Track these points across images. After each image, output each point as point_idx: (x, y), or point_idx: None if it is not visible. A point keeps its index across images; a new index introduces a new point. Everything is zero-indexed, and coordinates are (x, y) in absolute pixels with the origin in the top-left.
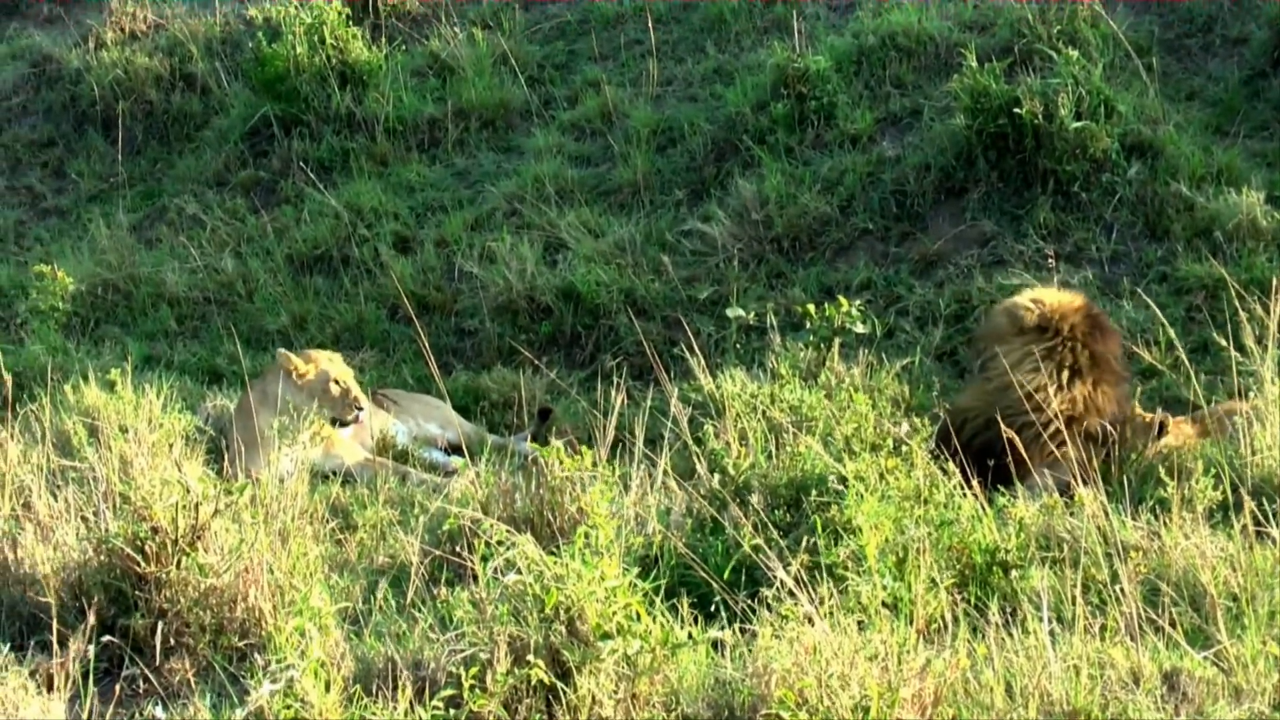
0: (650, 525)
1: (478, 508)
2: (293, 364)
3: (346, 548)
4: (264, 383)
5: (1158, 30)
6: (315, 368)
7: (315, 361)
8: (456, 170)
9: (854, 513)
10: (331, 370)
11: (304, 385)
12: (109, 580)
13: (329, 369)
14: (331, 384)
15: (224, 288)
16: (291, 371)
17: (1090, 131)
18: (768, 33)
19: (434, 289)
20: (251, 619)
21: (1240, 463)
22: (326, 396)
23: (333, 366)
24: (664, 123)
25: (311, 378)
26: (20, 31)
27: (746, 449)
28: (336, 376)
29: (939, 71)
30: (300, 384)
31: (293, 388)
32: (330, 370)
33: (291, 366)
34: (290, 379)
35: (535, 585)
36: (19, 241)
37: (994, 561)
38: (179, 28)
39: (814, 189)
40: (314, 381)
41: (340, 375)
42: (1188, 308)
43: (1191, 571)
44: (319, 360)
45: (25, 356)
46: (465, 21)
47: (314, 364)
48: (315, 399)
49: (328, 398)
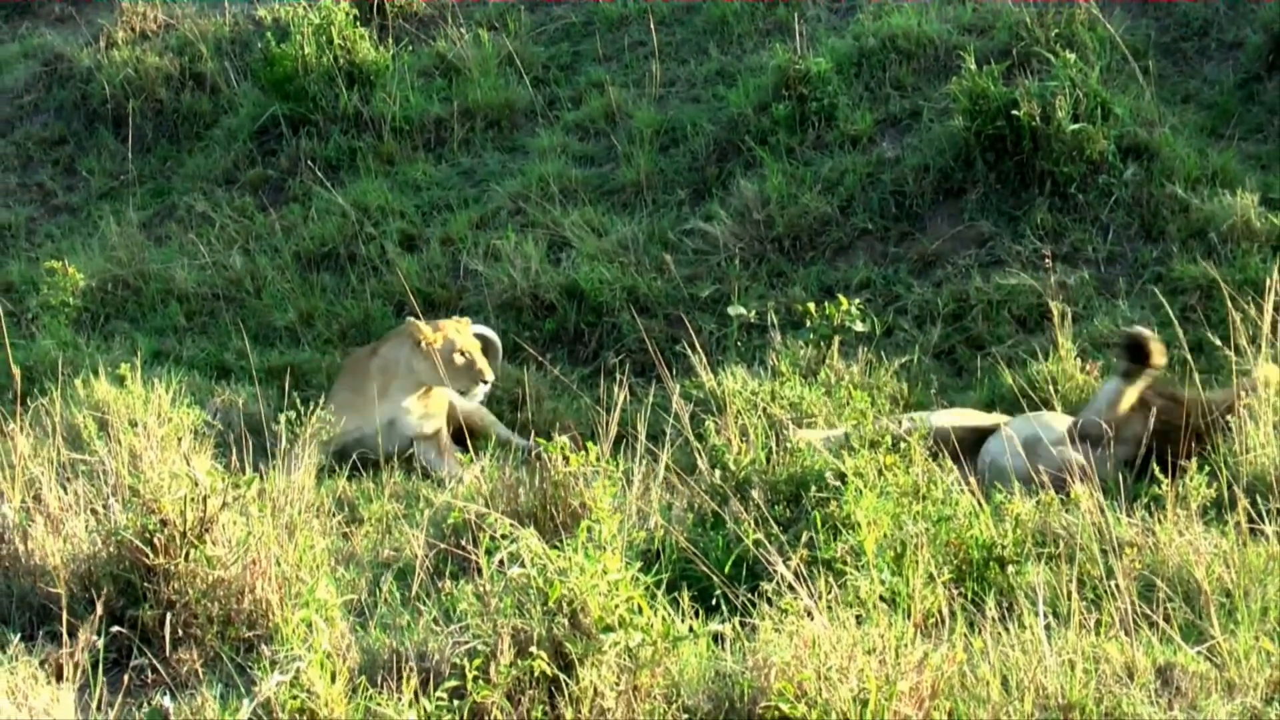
0: (652, 520)
1: (482, 502)
2: (421, 332)
3: (353, 541)
4: (387, 348)
5: (1154, 34)
6: (443, 336)
7: (443, 330)
8: (462, 169)
9: (853, 508)
10: (458, 340)
11: (429, 354)
12: (118, 572)
13: (455, 338)
14: (456, 354)
15: (232, 284)
16: (420, 340)
17: (1087, 133)
18: (769, 35)
19: (439, 286)
20: (259, 610)
21: (1233, 461)
22: (451, 366)
23: (459, 336)
24: (667, 123)
25: (439, 347)
26: (32, 31)
27: (747, 445)
28: (462, 347)
29: (938, 74)
30: (426, 352)
31: (419, 356)
32: (456, 340)
33: (420, 335)
34: (417, 347)
35: (538, 578)
36: (30, 238)
37: (991, 557)
38: (189, 28)
39: (814, 189)
40: (440, 350)
41: (466, 346)
42: (1183, 308)
43: (1185, 568)
44: (446, 329)
45: (36, 351)
46: (471, 22)
47: (441, 333)
48: (440, 369)
49: (452, 367)
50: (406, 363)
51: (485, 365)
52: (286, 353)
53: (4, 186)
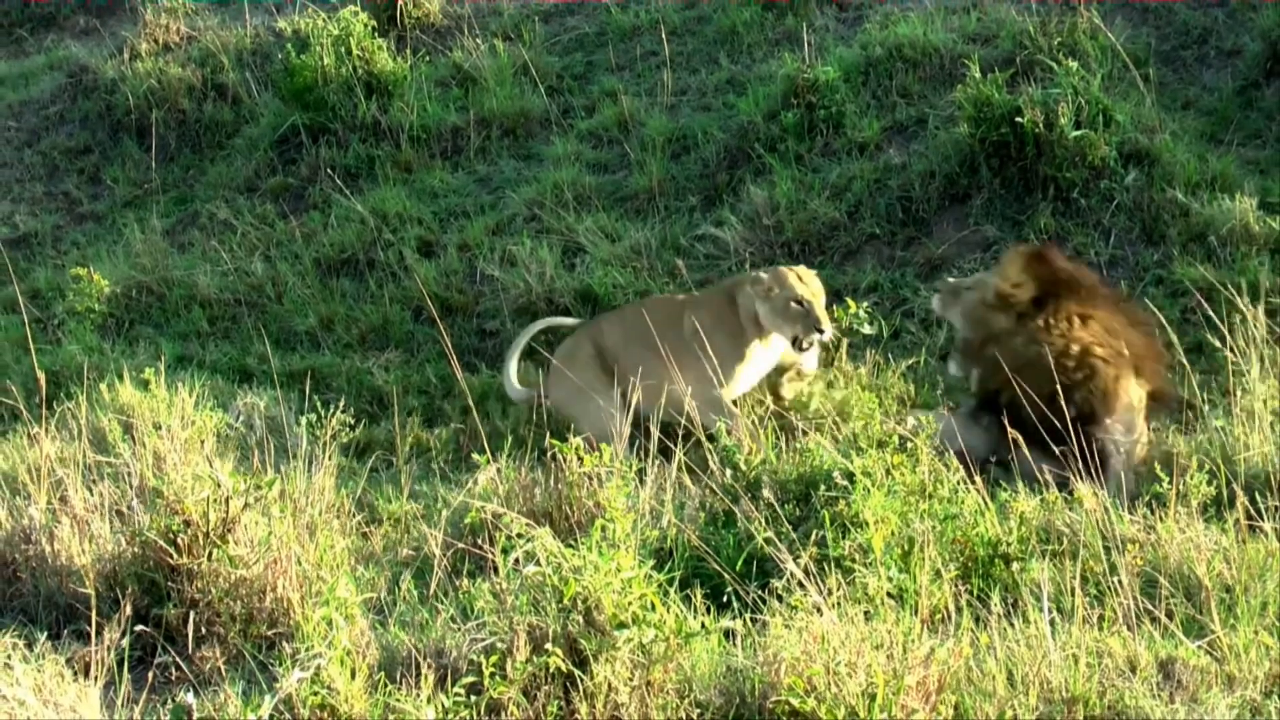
0: (665, 519)
1: (499, 502)
2: (761, 282)
3: (372, 540)
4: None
5: (1155, 42)
6: (779, 285)
7: (781, 279)
8: (478, 177)
9: (861, 507)
10: (798, 289)
11: (768, 301)
12: (142, 571)
13: (796, 288)
14: (793, 303)
15: (254, 290)
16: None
17: (1089, 140)
18: (779, 45)
19: (456, 291)
20: (280, 609)
21: (1233, 459)
22: (787, 314)
23: (800, 285)
24: (678, 131)
25: (776, 293)
26: (58, 43)
27: (758, 445)
28: (801, 295)
29: (943, 82)
30: (764, 300)
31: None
32: (797, 289)
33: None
34: (754, 296)
35: (554, 576)
36: (56, 245)
37: (996, 554)
38: (211, 39)
39: (823, 195)
40: (777, 298)
41: (805, 295)
42: (1183, 310)
43: (1187, 564)
44: (786, 277)
45: (62, 356)
46: (487, 33)
47: (779, 281)
48: (777, 316)
49: (788, 315)
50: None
51: (824, 316)
52: (307, 357)
53: (30, 195)
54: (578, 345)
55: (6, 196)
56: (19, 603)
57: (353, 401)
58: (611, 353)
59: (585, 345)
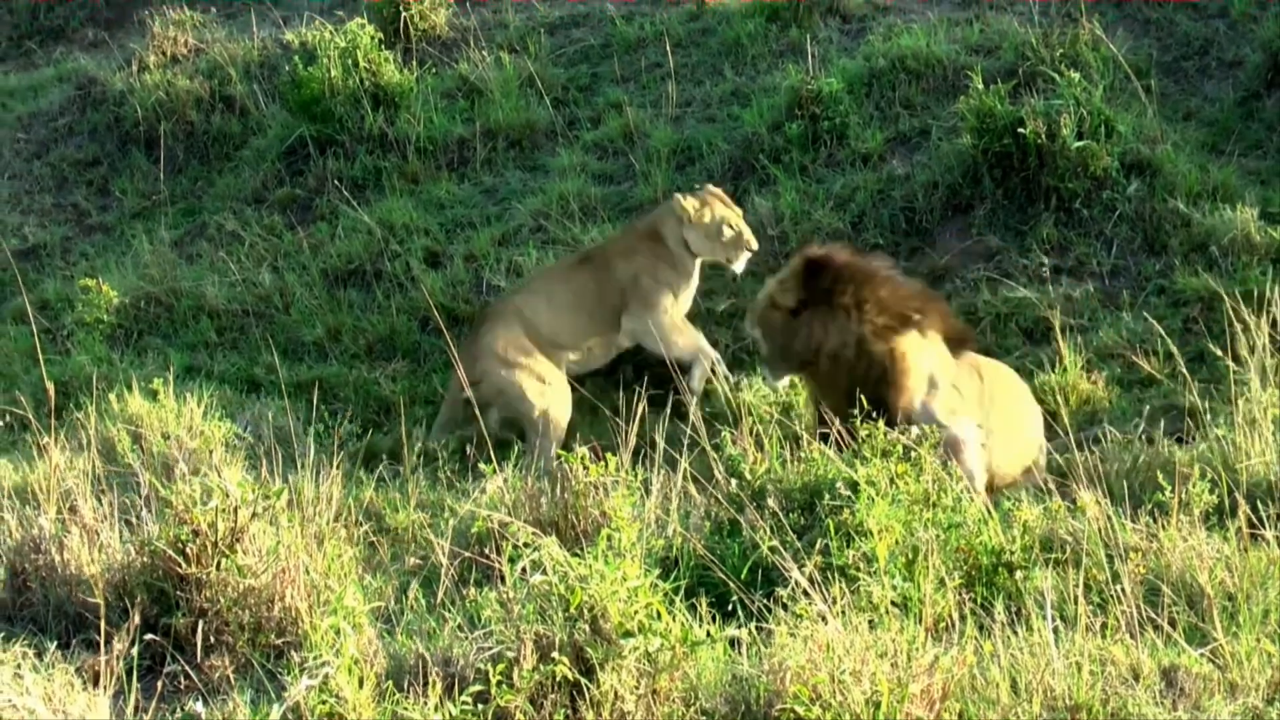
0: (670, 528)
1: (506, 511)
2: (687, 208)
3: (379, 550)
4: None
5: (1156, 53)
6: (710, 211)
7: (710, 204)
8: (485, 188)
9: (865, 516)
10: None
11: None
12: (151, 581)
13: (724, 212)
14: (725, 227)
15: (262, 301)
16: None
17: (1091, 150)
18: (783, 56)
19: (463, 302)
20: (288, 618)
21: (1235, 468)
22: (721, 239)
23: (727, 209)
24: (683, 142)
25: (706, 221)
26: (66, 55)
27: (763, 455)
28: (730, 219)
29: (946, 93)
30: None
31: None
32: (726, 214)
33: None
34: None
35: (560, 585)
36: (65, 256)
37: (999, 562)
38: (219, 51)
39: (827, 206)
40: (710, 224)
41: (732, 218)
42: (1185, 319)
43: (1189, 572)
44: (713, 202)
45: (71, 366)
46: (493, 46)
47: (709, 206)
48: (710, 241)
49: (721, 239)
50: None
51: (750, 234)
52: (315, 367)
53: (40, 207)
54: (506, 326)
55: (16, 208)
56: (29, 612)
57: (360, 411)
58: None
59: (513, 325)
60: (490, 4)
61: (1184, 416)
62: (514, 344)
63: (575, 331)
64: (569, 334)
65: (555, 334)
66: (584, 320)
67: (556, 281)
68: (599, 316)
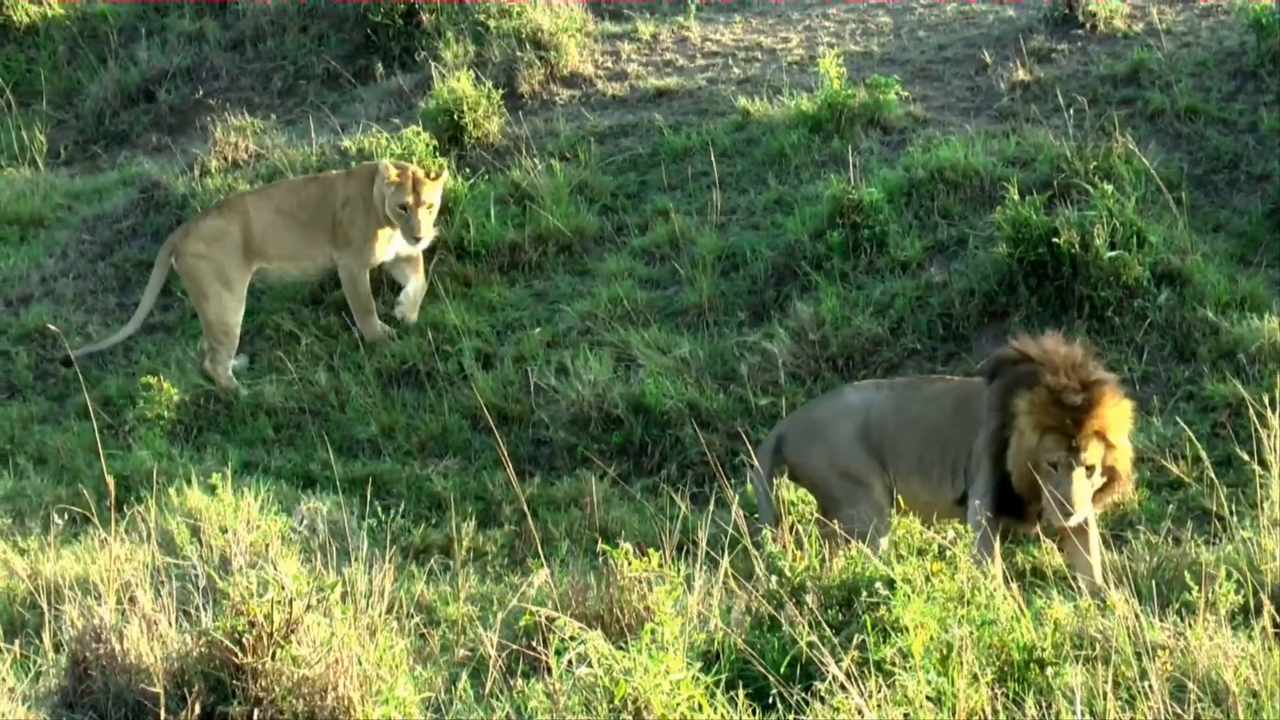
0: (712, 622)
1: (552, 605)
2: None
3: (430, 641)
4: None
5: (1187, 166)
6: (403, 185)
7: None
8: (535, 291)
9: (901, 612)
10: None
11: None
12: (209, 670)
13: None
14: (399, 206)
15: (318, 399)
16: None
17: (1123, 260)
18: (824, 166)
19: (513, 401)
20: (341, 707)
21: (1259, 569)
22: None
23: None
24: (728, 249)
25: (391, 191)
26: (130, 159)
27: (802, 553)
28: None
29: (983, 203)
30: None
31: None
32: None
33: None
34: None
35: (605, 678)
36: (128, 355)
37: (1031, 659)
38: (278, 157)
39: (867, 311)
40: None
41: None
42: (1213, 424)
43: (1215, 670)
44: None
45: (132, 461)
46: (545, 153)
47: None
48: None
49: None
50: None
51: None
52: (369, 464)
53: (103, 306)
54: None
55: (80, 307)
56: (90, 699)
57: (412, 506)
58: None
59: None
60: (542, 113)
61: (1211, 518)
62: (220, 237)
63: (286, 242)
64: (279, 244)
65: (265, 240)
66: (297, 233)
67: (288, 191)
68: (309, 236)
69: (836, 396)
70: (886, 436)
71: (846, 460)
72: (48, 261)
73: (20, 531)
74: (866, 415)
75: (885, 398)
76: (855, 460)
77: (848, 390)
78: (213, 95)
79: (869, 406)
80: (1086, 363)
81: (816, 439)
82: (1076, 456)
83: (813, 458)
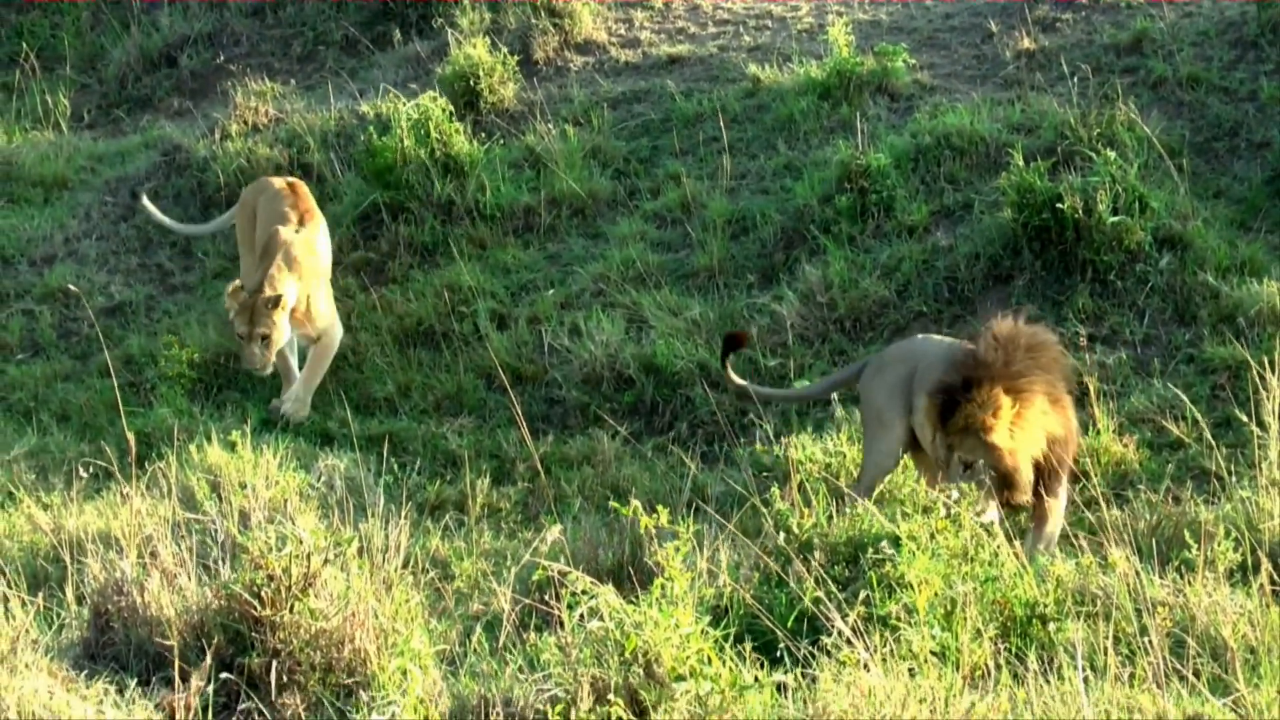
0: (721, 578)
1: (565, 560)
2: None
3: (444, 596)
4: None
5: (1188, 134)
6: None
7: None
8: (548, 253)
9: (906, 569)
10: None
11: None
12: (227, 623)
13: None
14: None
15: (336, 358)
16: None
17: (1126, 225)
18: (833, 132)
19: (527, 361)
20: (358, 659)
21: (1258, 527)
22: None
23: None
24: (738, 213)
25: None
26: (153, 123)
27: (809, 510)
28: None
29: (988, 169)
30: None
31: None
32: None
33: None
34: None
35: (616, 631)
36: (149, 314)
37: (1033, 615)
38: (297, 121)
39: (874, 275)
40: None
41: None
42: (1213, 387)
43: (1213, 626)
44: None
45: (154, 419)
46: (558, 119)
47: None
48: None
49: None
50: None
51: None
52: (385, 422)
53: (126, 267)
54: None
55: (103, 268)
56: (111, 651)
57: (428, 464)
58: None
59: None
60: (556, 79)
61: (1210, 478)
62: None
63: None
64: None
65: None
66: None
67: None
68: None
69: (911, 342)
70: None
71: (885, 401)
72: (71, 223)
73: (44, 487)
74: (916, 365)
75: (937, 352)
76: (890, 403)
77: (921, 339)
78: (233, 60)
79: (923, 357)
80: (1012, 359)
81: (878, 373)
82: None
83: (866, 387)
